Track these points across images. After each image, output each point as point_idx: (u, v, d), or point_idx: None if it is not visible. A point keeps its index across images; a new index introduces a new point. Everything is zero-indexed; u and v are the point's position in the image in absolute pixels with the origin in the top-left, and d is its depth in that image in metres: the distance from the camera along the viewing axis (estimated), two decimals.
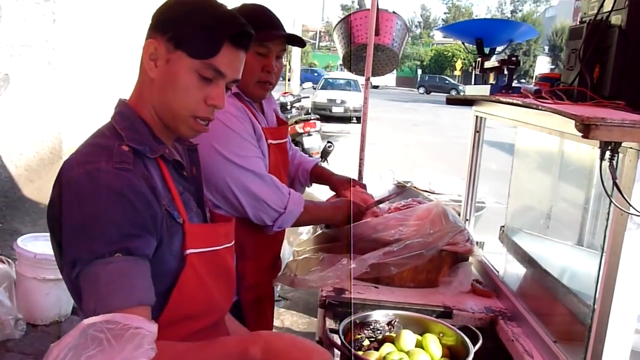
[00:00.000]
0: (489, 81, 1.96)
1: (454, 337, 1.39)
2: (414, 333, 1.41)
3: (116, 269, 0.94)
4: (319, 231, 2.01)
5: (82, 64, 5.99)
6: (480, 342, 1.37)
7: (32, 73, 5.17)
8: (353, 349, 1.30)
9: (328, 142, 8.53)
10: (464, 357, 1.31)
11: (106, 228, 0.96)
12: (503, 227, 2.00)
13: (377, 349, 1.36)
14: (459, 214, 2.30)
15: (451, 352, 1.38)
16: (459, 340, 1.37)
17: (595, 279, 1.21)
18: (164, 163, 1.12)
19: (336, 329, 1.39)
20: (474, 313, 1.70)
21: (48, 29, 5.38)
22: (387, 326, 1.47)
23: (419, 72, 49.72)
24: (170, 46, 1.07)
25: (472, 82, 2.24)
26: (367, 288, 1.78)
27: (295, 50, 16.85)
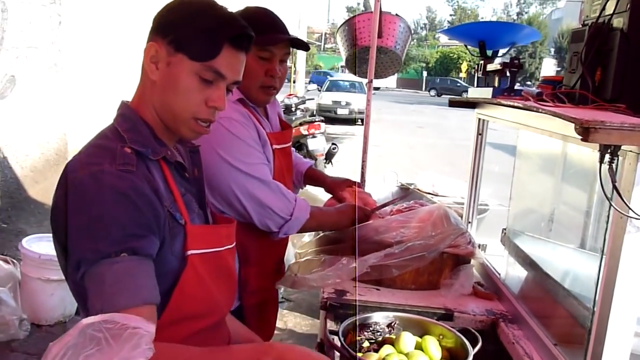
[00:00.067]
0: (492, 84, 1.96)
1: (454, 340, 1.39)
2: (414, 335, 1.41)
3: (122, 269, 0.95)
4: (321, 233, 2.01)
5: (88, 66, 6.03)
6: (479, 345, 1.37)
7: (38, 75, 5.20)
8: (353, 351, 1.30)
9: (332, 144, 8.55)
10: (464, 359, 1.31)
11: (111, 228, 0.96)
12: (505, 230, 2.00)
13: (377, 351, 1.36)
14: (462, 217, 2.30)
15: (451, 354, 1.38)
16: (459, 342, 1.37)
17: (595, 282, 1.21)
18: (166, 165, 1.13)
19: (336, 331, 1.40)
20: (475, 315, 1.70)
21: (54, 31, 5.41)
22: (387, 328, 1.47)
23: (425, 74, 49.69)
24: (170, 49, 1.07)
25: (475, 85, 2.24)
26: (369, 290, 1.79)
27: (300, 52, 16.86)
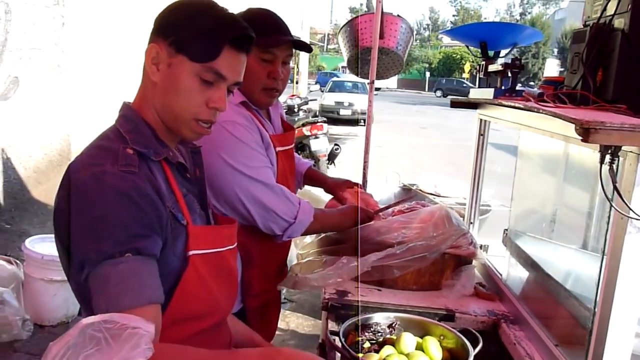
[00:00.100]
0: (494, 84, 1.96)
1: (455, 340, 1.39)
2: (415, 336, 1.41)
3: (126, 269, 0.95)
4: (323, 234, 2.01)
5: (91, 67, 6.05)
6: (480, 345, 1.37)
7: (42, 76, 5.22)
8: (353, 351, 1.30)
9: (335, 145, 8.54)
10: None
11: (115, 229, 0.97)
12: (506, 230, 2.00)
13: (378, 351, 1.36)
14: (464, 217, 2.30)
15: (451, 355, 1.38)
16: (460, 343, 1.37)
17: (596, 283, 1.21)
18: (168, 165, 1.13)
19: (337, 331, 1.40)
20: (477, 316, 1.70)
21: (57, 33, 5.43)
22: (388, 328, 1.47)
23: (427, 75, 49.65)
24: (171, 50, 1.08)
25: (477, 85, 2.24)
26: (370, 291, 1.79)
27: (303, 52, 16.83)
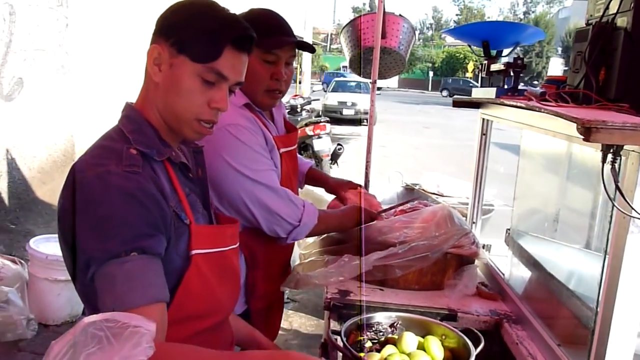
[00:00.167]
0: (497, 84, 1.96)
1: (456, 340, 1.39)
2: (416, 335, 1.41)
3: (132, 268, 0.96)
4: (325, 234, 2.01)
5: (95, 68, 6.07)
6: (482, 345, 1.37)
7: (46, 77, 5.24)
8: (355, 351, 1.31)
9: (338, 145, 8.53)
10: None
11: (120, 228, 0.97)
12: (509, 230, 2.00)
13: (379, 351, 1.36)
14: (467, 217, 2.30)
15: (453, 355, 1.38)
16: (461, 342, 1.37)
17: (598, 283, 1.20)
18: (171, 165, 1.14)
19: (339, 331, 1.40)
20: (479, 316, 1.70)
21: (61, 34, 5.45)
22: (390, 328, 1.47)
23: (431, 74, 49.59)
24: (173, 51, 1.08)
25: (479, 85, 2.24)
26: (372, 290, 1.79)
27: (306, 52, 16.82)
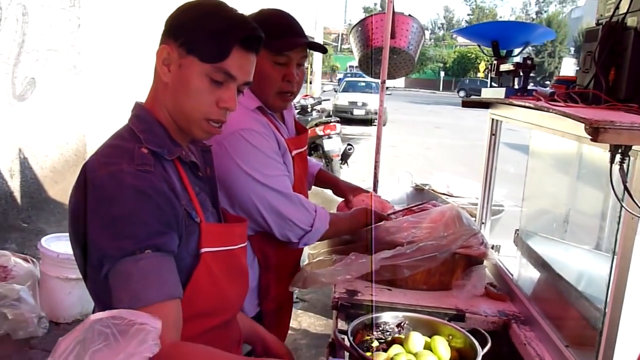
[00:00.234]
0: (507, 84, 1.95)
1: (463, 340, 1.39)
2: (423, 335, 1.41)
3: (147, 265, 0.97)
4: None
5: (107, 68, 6.12)
6: (489, 345, 1.36)
7: (58, 77, 5.30)
8: (362, 350, 1.31)
9: (348, 145, 8.52)
10: None
11: (134, 226, 0.98)
12: (518, 231, 1.99)
13: (386, 350, 1.36)
14: (476, 218, 2.29)
15: (460, 355, 1.38)
16: (468, 342, 1.37)
17: (606, 283, 1.19)
18: (181, 165, 1.15)
19: (346, 330, 1.40)
20: (487, 316, 1.69)
21: (73, 34, 5.51)
22: (397, 328, 1.47)
23: (442, 74, 49.37)
24: (182, 51, 1.09)
25: (489, 85, 2.23)
26: (380, 290, 1.79)
27: (317, 52, 16.82)
